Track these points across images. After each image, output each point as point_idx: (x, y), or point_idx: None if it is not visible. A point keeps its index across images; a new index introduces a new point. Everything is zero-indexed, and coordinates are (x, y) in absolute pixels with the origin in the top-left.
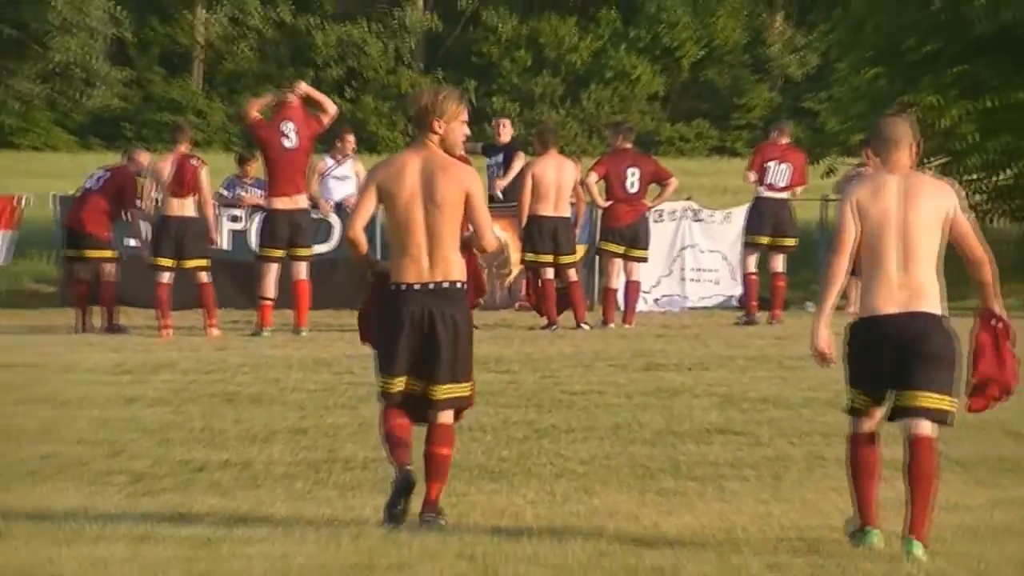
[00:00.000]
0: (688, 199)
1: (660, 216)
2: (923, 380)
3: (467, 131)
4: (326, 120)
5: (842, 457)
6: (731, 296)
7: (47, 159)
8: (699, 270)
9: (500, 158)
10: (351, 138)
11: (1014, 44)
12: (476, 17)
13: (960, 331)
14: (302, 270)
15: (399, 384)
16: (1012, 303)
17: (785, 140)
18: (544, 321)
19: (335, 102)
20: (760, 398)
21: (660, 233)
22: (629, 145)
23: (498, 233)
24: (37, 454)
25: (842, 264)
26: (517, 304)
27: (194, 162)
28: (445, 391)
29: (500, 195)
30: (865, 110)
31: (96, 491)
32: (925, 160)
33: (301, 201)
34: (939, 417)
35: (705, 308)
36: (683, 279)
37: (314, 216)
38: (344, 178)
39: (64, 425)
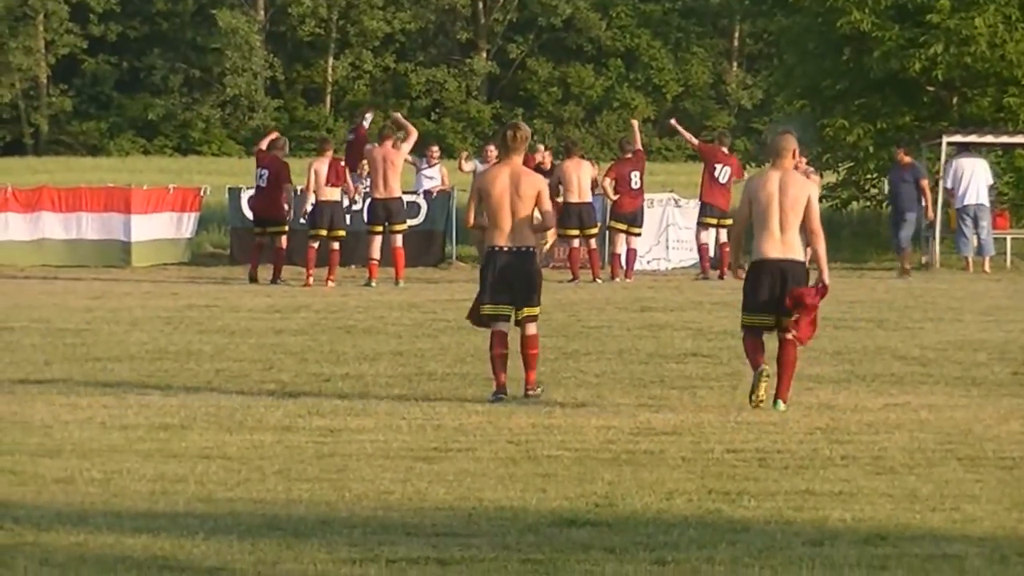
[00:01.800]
0: (671, 192)
1: (651, 204)
2: (790, 308)
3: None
4: (408, 142)
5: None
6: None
7: (222, 162)
8: (679, 241)
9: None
10: (436, 149)
11: (899, 85)
12: (523, 63)
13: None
14: (398, 239)
15: (498, 309)
16: None
17: (725, 148)
18: (570, 276)
19: (422, 126)
20: (721, 331)
21: (651, 216)
22: (630, 155)
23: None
24: (213, 368)
25: (739, 230)
26: (551, 264)
27: (341, 163)
28: (530, 311)
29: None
30: (794, 130)
31: (255, 395)
32: (838, 165)
33: (394, 192)
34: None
35: (683, 268)
36: (667, 248)
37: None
38: (431, 177)
39: (232, 349)
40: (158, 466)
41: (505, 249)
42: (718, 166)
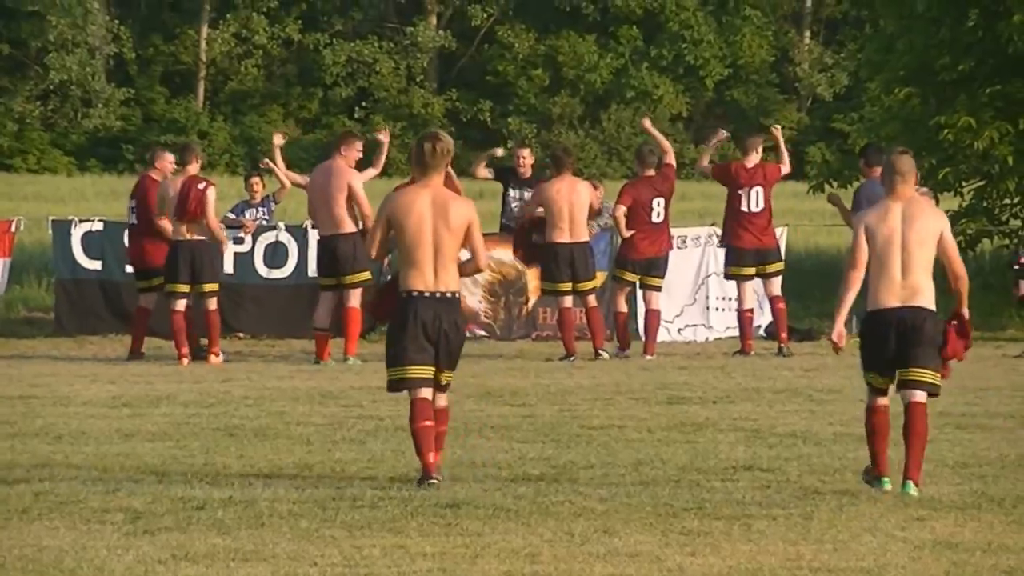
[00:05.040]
0: (713, 224)
1: (684, 242)
2: (918, 360)
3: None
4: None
5: (875, 495)
6: (759, 326)
7: (43, 181)
8: (725, 298)
9: (527, 193)
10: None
11: None
12: (491, 35)
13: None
14: (351, 296)
15: (420, 371)
16: None
17: (752, 157)
18: (562, 352)
19: (344, 124)
20: (788, 433)
21: (684, 260)
22: (653, 172)
23: (515, 259)
24: (30, 491)
25: (858, 276)
26: (534, 334)
27: (200, 185)
28: (449, 376)
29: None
30: (897, 131)
31: (92, 530)
32: (961, 183)
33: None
34: (931, 389)
35: (732, 338)
36: (707, 308)
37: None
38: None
39: (58, 461)
40: None
41: (427, 295)
42: (743, 190)
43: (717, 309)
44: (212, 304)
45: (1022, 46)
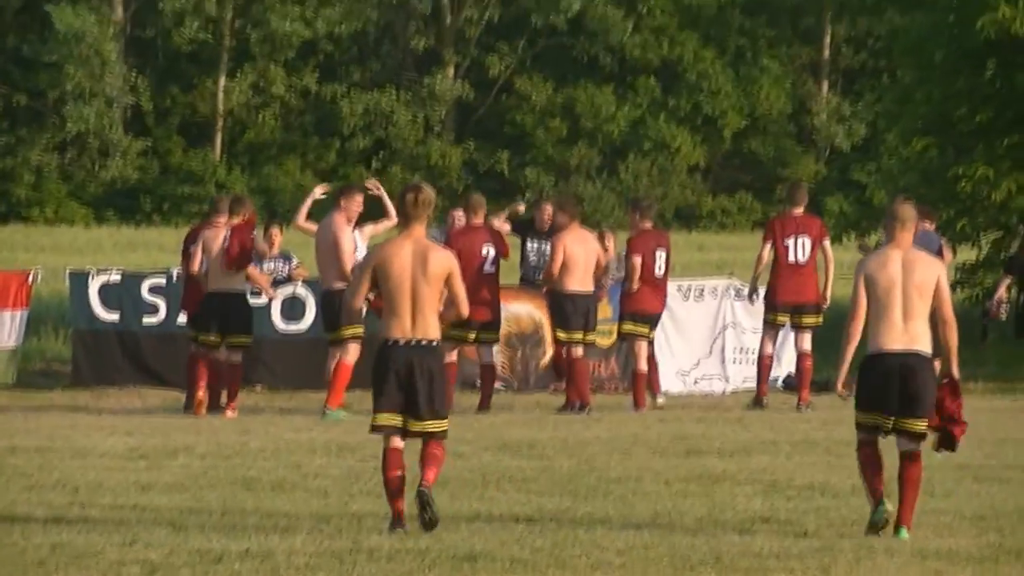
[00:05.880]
0: (730, 275)
1: (700, 294)
2: (915, 410)
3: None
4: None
5: (893, 547)
6: (776, 378)
7: (61, 232)
8: (741, 350)
9: (546, 246)
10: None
11: None
12: (509, 85)
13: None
14: (339, 350)
15: (393, 418)
16: None
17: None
18: (574, 402)
19: (361, 174)
20: (806, 485)
21: (701, 311)
22: (650, 224)
23: (532, 312)
24: (47, 543)
25: (859, 326)
26: (552, 387)
27: (251, 233)
28: (435, 425)
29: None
30: (915, 182)
31: None
32: (978, 234)
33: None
34: (923, 438)
35: (748, 390)
36: (724, 360)
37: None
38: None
39: (75, 512)
40: None
41: (402, 343)
42: (791, 240)
43: (734, 361)
44: (237, 357)
45: None
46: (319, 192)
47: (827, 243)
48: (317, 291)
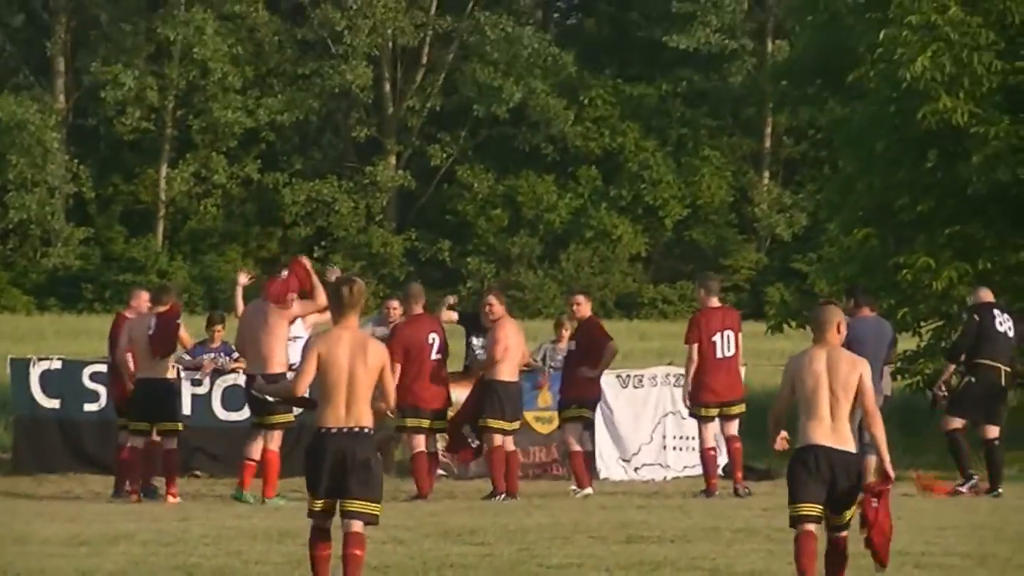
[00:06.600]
0: (670, 363)
1: (640, 381)
2: (842, 505)
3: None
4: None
5: None
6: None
7: (2, 320)
8: (682, 437)
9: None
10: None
11: (1010, 204)
12: (451, 174)
13: None
14: (272, 438)
15: (328, 504)
16: None
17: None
18: (497, 491)
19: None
20: (747, 572)
21: (641, 399)
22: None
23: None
24: None
25: (781, 411)
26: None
27: (178, 320)
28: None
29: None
30: (855, 271)
31: None
32: (919, 323)
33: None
34: (846, 527)
35: (689, 477)
36: (664, 447)
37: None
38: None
39: None
40: None
41: (334, 431)
42: (717, 336)
43: (675, 448)
44: (171, 443)
45: (981, 187)
46: (244, 280)
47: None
48: None
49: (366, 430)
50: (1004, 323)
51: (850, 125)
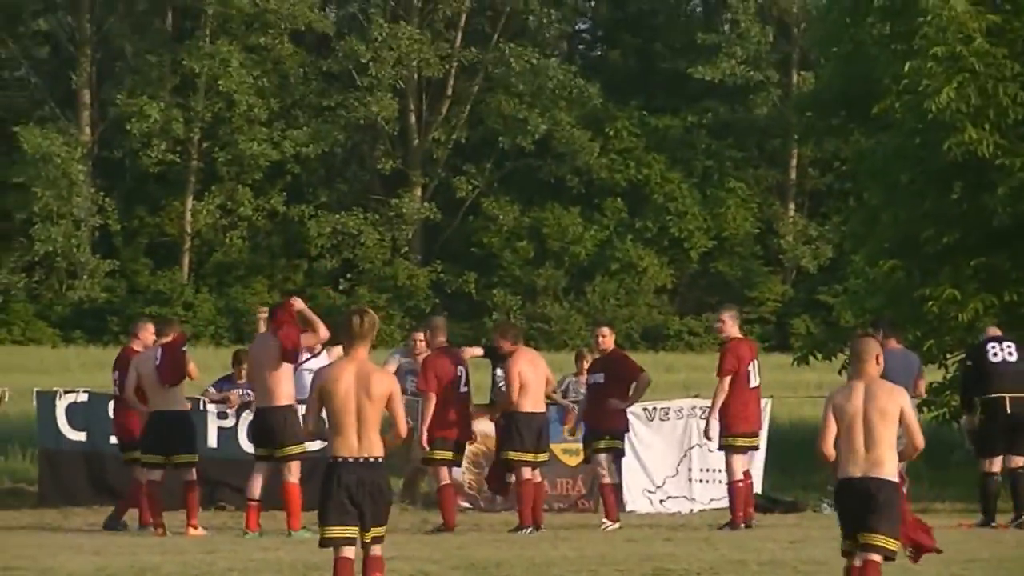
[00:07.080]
0: (696, 396)
1: (666, 414)
2: (875, 526)
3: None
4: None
5: None
6: None
7: (28, 353)
8: (708, 470)
9: None
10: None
11: None
12: (476, 207)
13: None
14: (291, 470)
15: (346, 531)
16: None
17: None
18: (525, 524)
19: (329, 295)
20: None
21: (667, 431)
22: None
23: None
24: None
25: (827, 447)
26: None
27: (183, 348)
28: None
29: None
30: (881, 304)
31: None
32: (945, 356)
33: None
34: (886, 553)
35: (716, 510)
36: (690, 479)
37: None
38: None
39: None
40: None
41: (350, 460)
42: (750, 366)
43: (701, 481)
44: (189, 475)
45: (1006, 218)
46: (264, 316)
47: None
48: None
49: (379, 459)
50: (1001, 352)
51: (875, 157)
